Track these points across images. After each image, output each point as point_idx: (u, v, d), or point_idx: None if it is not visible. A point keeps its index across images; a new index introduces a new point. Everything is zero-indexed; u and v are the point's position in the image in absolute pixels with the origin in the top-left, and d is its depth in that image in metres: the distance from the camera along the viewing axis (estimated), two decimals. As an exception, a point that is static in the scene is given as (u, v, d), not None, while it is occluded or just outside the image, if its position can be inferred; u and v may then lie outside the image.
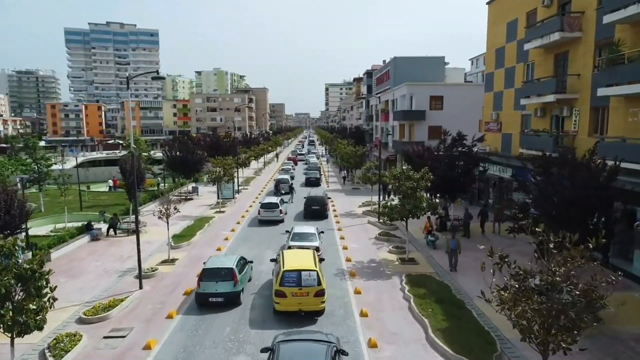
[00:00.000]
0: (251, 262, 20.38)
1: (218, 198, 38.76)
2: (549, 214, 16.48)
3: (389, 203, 22.53)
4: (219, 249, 24.65)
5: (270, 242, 26.21)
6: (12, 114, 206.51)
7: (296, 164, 72.45)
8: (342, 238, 26.91)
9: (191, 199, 41.42)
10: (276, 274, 16.47)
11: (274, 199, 32.59)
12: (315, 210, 32.30)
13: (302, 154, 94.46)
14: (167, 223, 22.36)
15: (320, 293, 15.47)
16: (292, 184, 43.45)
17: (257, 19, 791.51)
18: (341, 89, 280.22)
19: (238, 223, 31.30)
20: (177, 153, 40.28)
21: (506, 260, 9.22)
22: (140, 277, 18.87)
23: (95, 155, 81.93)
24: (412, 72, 66.60)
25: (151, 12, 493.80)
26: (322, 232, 24.80)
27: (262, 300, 17.40)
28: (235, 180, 44.17)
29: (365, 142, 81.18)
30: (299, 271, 15.55)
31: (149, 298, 17.85)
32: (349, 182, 51.94)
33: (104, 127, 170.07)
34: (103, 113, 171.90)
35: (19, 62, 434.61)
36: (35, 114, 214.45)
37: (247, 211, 35.65)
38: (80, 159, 67.52)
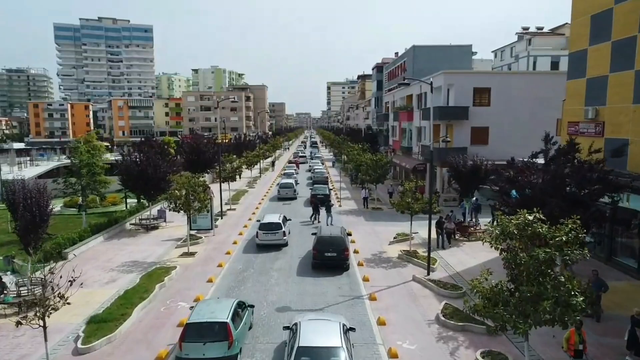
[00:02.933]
0: (252, 306, 15.43)
1: (190, 229, 27.51)
2: None
3: (484, 276, 11.11)
4: (160, 358, 13.36)
5: (259, 336, 14.90)
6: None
7: (298, 167, 66.45)
8: (381, 323, 15.53)
9: (156, 228, 30.16)
10: None
11: (276, 218, 25.89)
12: (331, 259, 20.82)
13: (304, 156, 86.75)
14: (45, 335, 11.05)
15: None
16: (330, 202, 32.88)
17: (257, 19, 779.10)
18: (344, 87, 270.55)
19: (210, 281, 19.96)
20: (136, 161, 29.02)
21: None
22: None
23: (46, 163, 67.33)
24: (435, 64, 55.63)
25: (147, 9, 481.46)
26: (353, 328, 13.41)
27: None
28: (219, 198, 32.92)
29: (378, 145, 69.91)
30: None
31: None
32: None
33: (91, 128, 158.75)
34: (91, 112, 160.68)
35: (9, 60, 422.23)
36: (25, 114, 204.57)
37: (228, 253, 24.30)
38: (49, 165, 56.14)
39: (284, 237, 25.05)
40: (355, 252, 23.98)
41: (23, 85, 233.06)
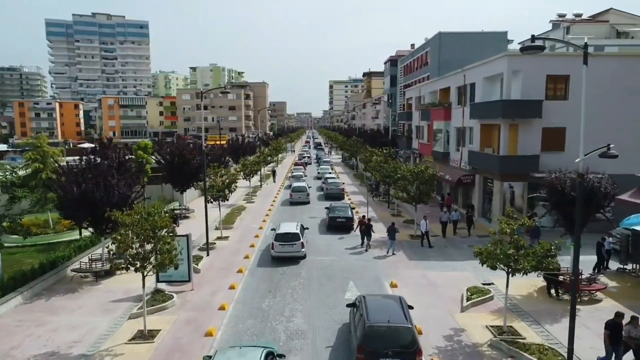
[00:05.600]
0: (282, 355, 12.15)
1: (157, 281, 18.32)
2: None
3: None
4: None
5: None
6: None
7: (305, 168, 63.84)
8: None
9: (110, 274, 20.86)
10: None
11: (293, 227, 24.01)
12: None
13: (308, 156, 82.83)
14: None
15: None
16: (395, 227, 25.21)
17: (255, 18, 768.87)
18: (346, 86, 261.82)
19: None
20: (77, 180, 19.76)
21: None
22: None
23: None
24: (464, 54, 46.66)
25: (144, 5, 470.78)
26: None
27: None
28: (205, 225, 23.74)
29: (397, 148, 60.65)
30: None
31: None
32: (400, 224, 31.32)
33: (81, 128, 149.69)
34: (81, 112, 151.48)
35: (1, 58, 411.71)
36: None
37: (209, 334, 14.95)
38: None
39: (302, 249, 23.20)
40: (418, 332, 14.62)
41: (16, 84, 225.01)
